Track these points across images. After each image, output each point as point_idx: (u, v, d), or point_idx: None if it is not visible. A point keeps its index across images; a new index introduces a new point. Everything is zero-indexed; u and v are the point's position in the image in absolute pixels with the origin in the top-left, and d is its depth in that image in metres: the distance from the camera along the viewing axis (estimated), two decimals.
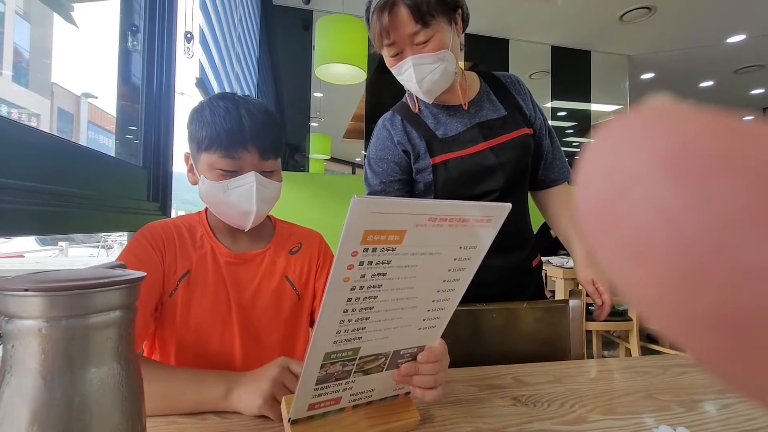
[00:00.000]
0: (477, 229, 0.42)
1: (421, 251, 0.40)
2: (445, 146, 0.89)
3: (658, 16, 3.47)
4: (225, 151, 0.64)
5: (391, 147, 0.91)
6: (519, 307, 0.93)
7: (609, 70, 4.43)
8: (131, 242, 0.67)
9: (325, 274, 0.78)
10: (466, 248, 0.44)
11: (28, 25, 5.39)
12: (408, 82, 0.85)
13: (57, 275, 0.27)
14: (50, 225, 0.74)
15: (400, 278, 0.41)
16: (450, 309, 0.50)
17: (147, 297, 0.64)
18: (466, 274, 0.47)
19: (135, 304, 0.29)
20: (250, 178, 0.65)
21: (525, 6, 3.40)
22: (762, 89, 5.28)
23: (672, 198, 0.09)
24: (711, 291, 0.09)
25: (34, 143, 0.69)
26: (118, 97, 1.17)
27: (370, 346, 0.46)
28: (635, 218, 0.10)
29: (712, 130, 0.09)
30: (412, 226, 0.37)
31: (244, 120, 0.64)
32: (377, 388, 0.52)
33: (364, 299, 0.41)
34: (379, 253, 0.37)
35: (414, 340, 0.51)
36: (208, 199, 0.68)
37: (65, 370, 0.25)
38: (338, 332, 0.42)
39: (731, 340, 0.09)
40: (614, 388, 0.66)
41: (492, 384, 0.66)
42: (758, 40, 3.89)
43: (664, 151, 0.10)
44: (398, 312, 0.45)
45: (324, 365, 0.44)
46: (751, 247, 0.08)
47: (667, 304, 0.10)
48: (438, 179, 0.89)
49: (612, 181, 0.11)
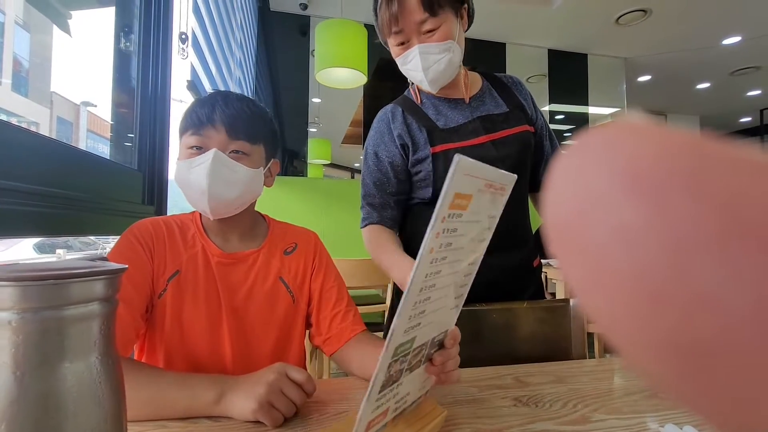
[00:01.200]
0: (498, 197, 0.40)
1: (476, 218, 0.38)
2: (446, 136, 0.88)
3: (654, 18, 3.49)
4: (194, 128, 0.64)
5: (388, 144, 0.90)
6: (520, 307, 0.91)
7: (606, 72, 4.45)
8: (120, 240, 0.65)
9: (321, 277, 0.75)
10: (491, 217, 0.42)
11: (28, 34, 5.41)
12: (413, 71, 0.85)
13: (32, 266, 0.25)
14: (44, 227, 0.72)
15: (457, 249, 0.37)
16: (469, 286, 0.47)
17: (138, 298, 0.62)
18: (483, 247, 0.44)
19: (115, 297, 0.28)
20: (208, 156, 0.62)
21: (521, 10, 3.42)
22: (759, 91, 5.30)
23: (630, 218, 0.09)
24: (668, 317, 0.09)
25: (28, 145, 0.68)
26: (113, 101, 1.17)
27: (423, 333, 0.41)
28: (596, 238, 0.10)
29: (674, 149, 0.09)
30: (476, 191, 0.35)
31: (218, 104, 0.65)
32: (411, 391, 0.47)
33: (433, 275, 0.36)
34: (452, 220, 0.34)
35: (443, 324, 0.47)
36: (178, 182, 0.67)
37: (37, 365, 0.24)
38: (410, 317, 0.36)
39: (689, 368, 0.09)
40: (617, 388, 0.64)
41: (493, 384, 0.65)
42: (754, 42, 3.90)
43: (624, 169, 0.09)
44: (447, 290, 0.41)
45: (391, 364, 0.37)
46: (706, 273, 0.08)
47: (626, 329, 0.10)
48: (437, 168, 0.87)
49: (575, 199, 0.10)
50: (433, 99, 0.93)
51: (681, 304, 0.08)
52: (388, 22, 0.81)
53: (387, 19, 0.81)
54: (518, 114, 0.93)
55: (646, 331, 0.09)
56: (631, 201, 0.09)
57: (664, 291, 0.09)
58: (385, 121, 0.92)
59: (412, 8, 0.79)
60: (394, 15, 0.79)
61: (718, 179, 0.08)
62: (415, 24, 0.80)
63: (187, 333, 0.65)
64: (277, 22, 3.48)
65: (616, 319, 0.10)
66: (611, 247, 0.09)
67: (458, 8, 0.84)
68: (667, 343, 0.09)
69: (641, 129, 0.10)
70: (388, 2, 0.80)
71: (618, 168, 0.10)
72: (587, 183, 0.10)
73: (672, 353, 0.09)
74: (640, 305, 0.09)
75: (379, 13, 0.83)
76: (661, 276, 0.09)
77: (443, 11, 0.80)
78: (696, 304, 0.08)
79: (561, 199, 0.11)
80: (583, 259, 0.10)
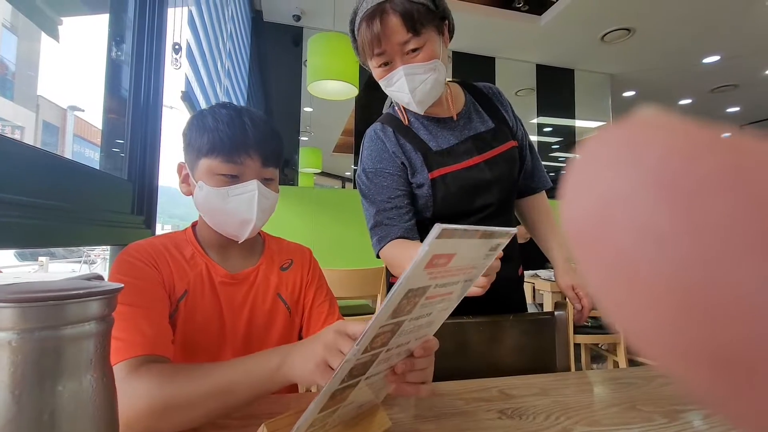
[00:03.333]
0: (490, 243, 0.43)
1: (462, 266, 0.39)
2: (441, 159, 0.87)
3: (637, 37, 3.61)
4: (228, 155, 0.62)
5: (390, 158, 0.87)
6: (505, 319, 0.93)
7: (592, 87, 4.57)
8: (119, 264, 0.61)
9: (313, 291, 0.76)
10: (486, 257, 0.44)
11: (15, 37, 5.36)
12: (399, 93, 0.83)
13: (30, 286, 0.26)
14: (30, 238, 0.72)
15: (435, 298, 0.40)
16: (455, 303, 0.48)
17: (161, 308, 0.60)
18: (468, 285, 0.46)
19: (111, 316, 0.29)
20: (253, 186, 0.64)
21: (510, 26, 3.51)
22: (738, 107, 5.49)
23: (661, 220, 0.09)
24: (703, 324, 0.08)
25: (13, 155, 0.68)
26: (104, 109, 1.17)
27: (391, 352, 0.43)
28: (621, 241, 0.09)
29: (708, 146, 0.09)
30: (460, 249, 0.36)
31: (248, 127, 0.64)
32: (358, 400, 0.48)
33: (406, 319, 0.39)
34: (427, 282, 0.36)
35: (411, 345, 0.48)
36: (205, 206, 0.65)
37: (35, 384, 0.24)
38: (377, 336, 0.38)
39: (727, 379, 0.08)
40: (599, 400, 0.66)
41: (478, 397, 0.66)
42: (732, 61, 4.06)
43: (653, 169, 0.09)
44: (413, 331, 0.43)
45: (335, 392, 0.40)
46: (746, 279, 0.08)
47: (655, 335, 0.09)
48: (437, 194, 0.86)
49: (595, 198, 0.10)
50: (421, 119, 0.91)
51: (718, 311, 0.08)
52: (369, 43, 0.78)
53: (369, 41, 0.78)
54: (504, 129, 0.94)
55: (678, 338, 0.09)
56: (662, 202, 0.09)
57: (699, 297, 0.08)
58: (380, 140, 0.89)
59: (395, 29, 0.76)
60: (376, 36, 0.77)
61: (759, 179, 0.08)
62: (398, 45, 0.78)
63: (191, 353, 0.64)
64: (270, 33, 3.51)
65: (643, 325, 0.09)
66: (639, 250, 0.09)
67: (440, 26, 0.82)
68: (701, 351, 0.08)
69: (667, 124, 0.10)
70: (368, 23, 0.77)
71: (646, 166, 0.09)
72: (611, 182, 0.10)
73: (707, 362, 0.08)
74: (670, 312, 0.09)
75: (359, 35, 0.80)
76: (696, 281, 0.08)
77: (426, 30, 0.78)
78: (735, 312, 0.08)
79: (581, 199, 0.10)
80: (606, 262, 0.10)
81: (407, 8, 0.76)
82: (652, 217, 0.09)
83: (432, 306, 0.42)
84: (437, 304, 0.43)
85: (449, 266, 0.36)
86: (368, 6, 0.78)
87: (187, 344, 0.64)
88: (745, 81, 4.58)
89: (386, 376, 0.49)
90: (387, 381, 0.49)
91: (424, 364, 0.49)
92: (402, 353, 0.47)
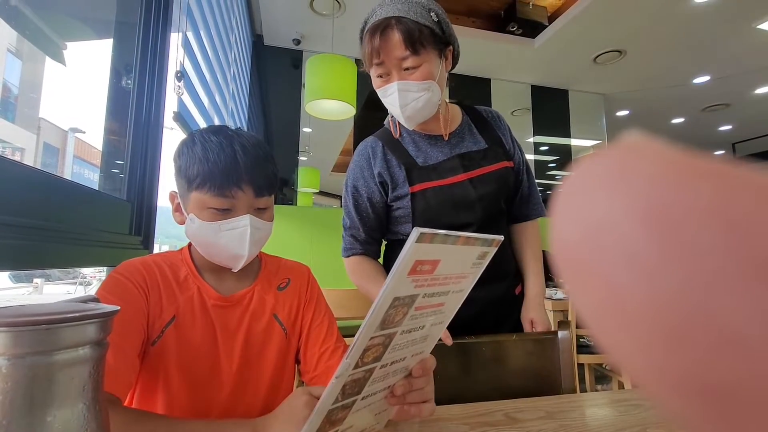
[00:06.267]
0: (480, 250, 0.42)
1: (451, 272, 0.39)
2: (424, 174, 0.89)
3: (629, 59, 3.70)
4: (218, 189, 0.60)
5: (368, 179, 0.92)
6: (508, 339, 0.91)
7: (586, 107, 4.65)
8: (109, 281, 0.61)
9: (311, 311, 0.75)
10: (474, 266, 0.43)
11: (20, 62, 5.46)
12: (391, 106, 0.87)
13: (22, 309, 0.25)
14: (26, 260, 0.71)
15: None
16: (449, 316, 0.47)
17: (134, 340, 0.58)
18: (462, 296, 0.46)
19: (106, 340, 0.28)
20: (245, 222, 0.62)
21: (505, 49, 3.60)
22: (729, 126, 5.58)
23: (648, 248, 0.08)
24: (689, 355, 0.08)
25: (10, 176, 0.68)
26: (105, 131, 1.18)
27: (383, 371, 0.43)
28: (608, 267, 0.09)
29: (694, 174, 0.09)
30: (445, 254, 0.37)
31: (239, 156, 0.61)
32: (357, 424, 0.47)
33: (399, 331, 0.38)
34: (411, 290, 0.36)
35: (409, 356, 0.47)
36: (196, 239, 0.65)
37: (25, 412, 0.23)
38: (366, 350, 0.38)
39: (713, 411, 0.08)
40: (608, 424, 0.64)
41: (483, 421, 0.64)
42: (722, 81, 4.15)
43: (641, 197, 0.09)
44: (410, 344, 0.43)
45: (331, 411, 0.40)
46: (734, 311, 0.07)
47: (641, 364, 0.09)
48: (416, 208, 0.89)
49: (583, 224, 0.10)
50: (412, 134, 0.94)
51: (704, 342, 0.08)
52: (370, 53, 0.82)
53: (369, 51, 0.82)
54: (497, 150, 0.95)
55: (663, 368, 0.09)
56: (648, 230, 0.08)
57: (686, 327, 0.08)
58: (366, 157, 0.93)
59: (395, 44, 0.80)
60: (376, 48, 0.81)
61: (747, 209, 0.08)
62: (396, 59, 0.81)
63: (186, 380, 0.62)
64: (271, 56, 3.58)
65: (629, 353, 0.09)
66: (625, 277, 0.09)
67: (442, 49, 0.85)
68: (686, 382, 0.08)
69: (655, 150, 0.10)
70: (372, 35, 0.81)
71: (633, 193, 0.09)
72: (599, 208, 0.10)
73: (693, 394, 0.08)
74: (656, 341, 0.08)
75: (363, 43, 0.85)
76: (683, 311, 0.08)
77: (425, 51, 0.81)
78: (722, 344, 0.08)
79: (569, 223, 0.10)
80: (593, 288, 0.10)
81: (410, 27, 0.79)
82: (640, 246, 0.08)
83: (423, 318, 0.41)
84: (429, 316, 0.42)
85: (435, 274, 0.36)
86: (377, 18, 0.82)
87: (182, 370, 0.62)
88: (735, 100, 4.67)
89: (386, 399, 0.47)
90: (387, 403, 0.48)
91: (422, 384, 0.48)
92: (399, 372, 0.46)
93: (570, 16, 3.12)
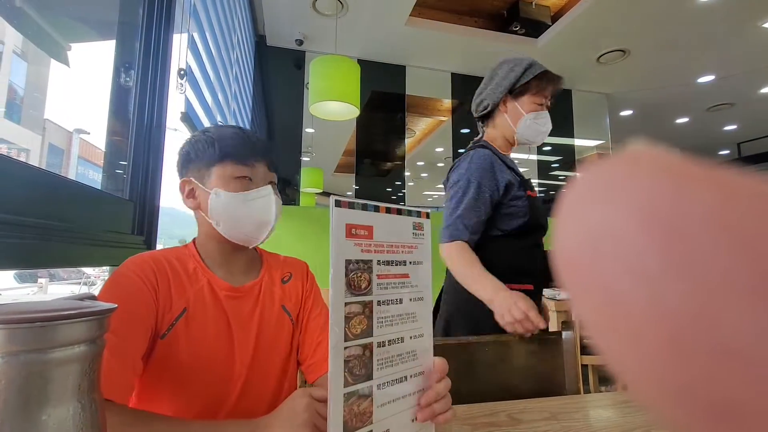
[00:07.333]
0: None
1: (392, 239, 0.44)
2: (528, 184, 1.10)
3: (632, 58, 3.68)
4: (240, 158, 0.67)
5: (492, 180, 1.05)
6: (511, 339, 0.91)
7: (590, 107, 4.63)
8: (116, 277, 0.60)
9: (311, 303, 0.77)
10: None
11: (25, 63, 5.50)
12: (540, 126, 1.10)
13: (17, 307, 0.25)
14: (29, 259, 0.71)
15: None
16: (426, 293, 0.48)
17: (138, 340, 0.57)
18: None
19: (103, 338, 0.27)
20: (268, 190, 0.68)
21: (508, 49, 3.59)
22: (734, 125, 5.54)
23: (650, 259, 0.08)
24: (690, 368, 0.08)
25: (13, 175, 0.68)
26: (108, 131, 1.18)
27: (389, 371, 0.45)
28: (609, 277, 0.09)
29: (697, 184, 0.08)
30: (377, 221, 0.42)
31: (250, 135, 0.70)
32: (392, 428, 0.45)
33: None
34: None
35: (411, 357, 0.47)
36: (223, 212, 0.66)
37: (19, 411, 0.23)
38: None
39: (715, 425, 0.08)
40: (612, 425, 0.63)
41: (487, 422, 0.63)
42: (726, 81, 4.12)
43: (642, 206, 0.09)
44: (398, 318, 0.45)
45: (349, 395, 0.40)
46: (738, 325, 0.07)
47: (641, 374, 0.09)
48: (530, 207, 1.07)
49: (585, 233, 0.10)
50: (501, 155, 1.13)
51: (706, 356, 0.08)
52: (550, 91, 1.11)
53: (551, 90, 1.12)
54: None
55: (663, 379, 0.08)
56: (650, 238, 0.08)
57: (687, 340, 0.08)
58: (489, 161, 1.08)
59: (558, 90, 1.15)
60: (554, 91, 1.12)
61: (750, 220, 0.08)
62: (552, 99, 1.14)
63: (197, 372, 0.62)
64: (273, 57, 3.59)
65: (630, 362, 0.09)
66: (627, 287, 0.09)
67: None
68: (686, 395, 0.08)
69: (657, 159, 0.09)
70: (555, 81, 1.11)
71: (635, 202, 0.09)
72: (601, 216, 0.09)
73: (693, 407, 0.08)
74: (657, 352, 0.08)
75: (543, 80, 1.10)
76: (684, 323, 0.08)
77: None
78: (725, 359, 0.07)
79: (572, 231, 0.10)
80: (594, 297, 0.10)
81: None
82: (642, 257, 0.08)
83: (395, 290, 0.44)
84: (400, 288, 0.44)
85: (377, 240, 0.41)
86: (547, 68, 1.11)
87: (193, 361, 0.62)
88: (740, 99, 4.63)
89: (417, 416, 0.47)
90: (419, 419, 0.47)
91: (444, 390, 0.49)
92: (405, 357, 0.46)
93: (573, 15, 3.11)
